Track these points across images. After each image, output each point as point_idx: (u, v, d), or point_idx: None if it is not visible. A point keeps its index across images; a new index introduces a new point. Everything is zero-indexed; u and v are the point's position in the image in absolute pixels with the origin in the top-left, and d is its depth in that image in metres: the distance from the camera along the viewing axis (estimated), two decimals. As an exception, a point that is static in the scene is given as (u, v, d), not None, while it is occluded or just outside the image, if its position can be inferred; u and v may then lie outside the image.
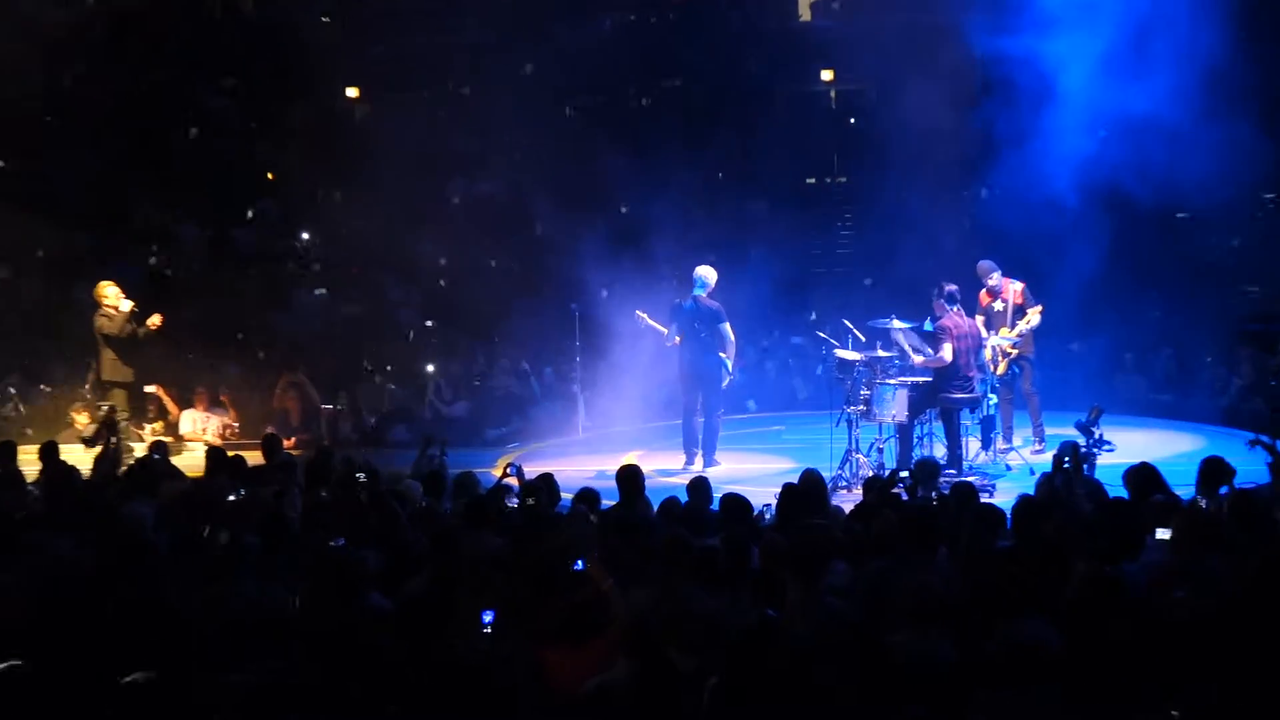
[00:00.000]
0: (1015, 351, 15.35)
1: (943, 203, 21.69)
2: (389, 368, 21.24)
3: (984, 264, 15.71)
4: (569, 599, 6.81)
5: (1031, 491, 9.96)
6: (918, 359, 14.21)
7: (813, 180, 26.59)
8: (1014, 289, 15.48)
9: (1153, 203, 20.13)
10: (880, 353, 14.50)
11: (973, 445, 14.63)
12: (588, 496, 9.88)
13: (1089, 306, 19.54)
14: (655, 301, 16.39)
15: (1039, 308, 15.32)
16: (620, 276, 19.75)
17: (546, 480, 10.24)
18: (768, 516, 9.46)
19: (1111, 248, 19.86)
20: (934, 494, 10.26)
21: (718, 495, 9.67)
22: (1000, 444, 15.13)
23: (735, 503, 9.08)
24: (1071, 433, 12.43)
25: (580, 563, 7.04)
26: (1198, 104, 18.01)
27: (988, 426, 14.76)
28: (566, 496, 10.39)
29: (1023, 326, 15.26)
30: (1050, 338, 17.02)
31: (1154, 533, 7.77)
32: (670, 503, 9.43)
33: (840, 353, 14.59)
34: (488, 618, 6.48)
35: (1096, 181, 18.72)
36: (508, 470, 10.59)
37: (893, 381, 14.08)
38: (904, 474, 9.96)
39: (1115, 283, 20.16)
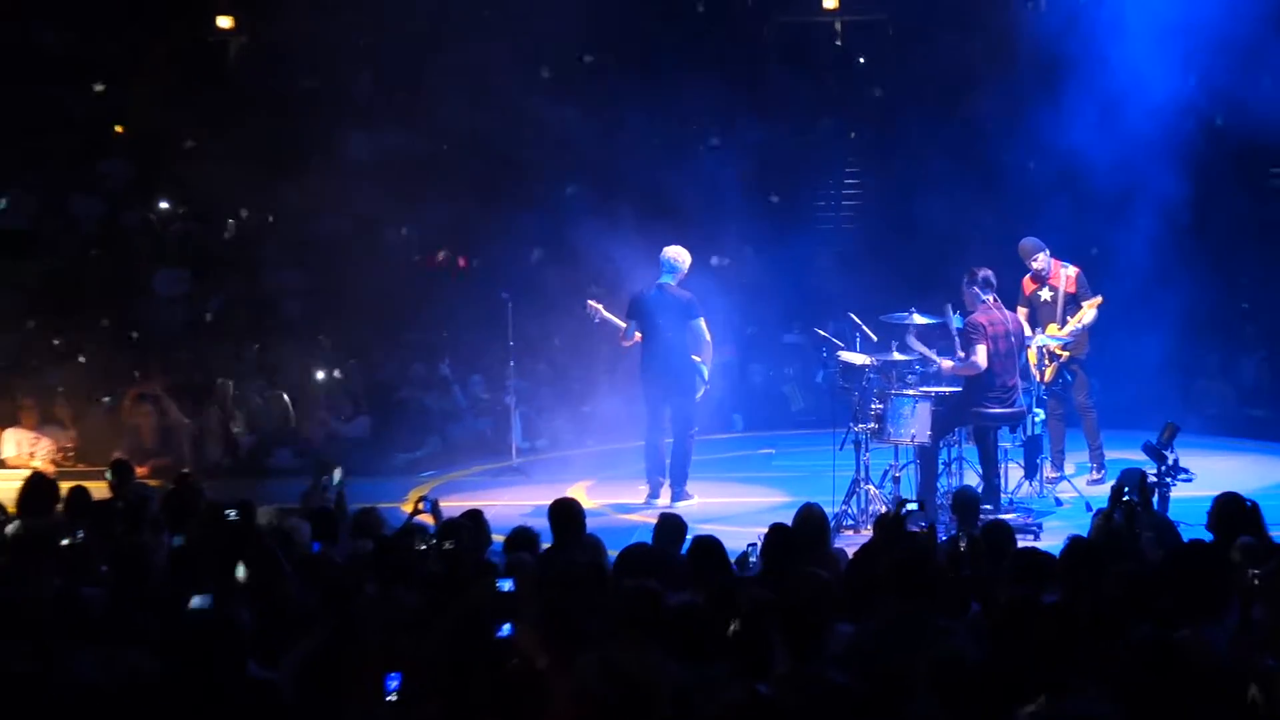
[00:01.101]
0: (1066, 354, 15.41)
1: (972, 162, 21.74)
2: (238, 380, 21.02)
3: (1027, 242, 15.71)
4: (494, 674, 6.83)
5: (1086, 533, 10.04)
6: (945, 363, 14.24)
7: (811, 134, 26.61)
8: (1066, 274, 15.51)
9: (1240, 156, 20.17)
10: (896, 356, 14.42)
11: (1014, 473, 14.72)
12: (525, 538, 9.90)
13: (1160, 295, 19.62)
14: (612, 290, 16.41)
15: (1097, 300, 15.34)
16: (566, 256, 19.74)
17: (474, 518, 10.25)
18: (752, 562, 9.48)
19: (1188, 218, 19.94)
20: (965, 535, 10.31)
21: (691, 537, 9.69)
22: (1049, 471, 15.25)
23: (709, 548, 9.08)
24: (1139, 458, 12.52)
25: (508, 628, 7.04)
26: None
27: (1033, 450, 14.83)
28: (498, 539, 10.41)
29: (1074, 324, 15.32)
30: (1111, 336, 17.11)
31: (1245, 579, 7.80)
32: (636, 550, 9.40)
33: (845, 355, 14.59)
34: (393, 684, 6.53)
35: (1166, 130, 18.73)
36: (420, 505, 10.61)
37: (912, 393, 14.11)
38: (911, 504, 9.97)
39: (1192, 264, 20.21)
